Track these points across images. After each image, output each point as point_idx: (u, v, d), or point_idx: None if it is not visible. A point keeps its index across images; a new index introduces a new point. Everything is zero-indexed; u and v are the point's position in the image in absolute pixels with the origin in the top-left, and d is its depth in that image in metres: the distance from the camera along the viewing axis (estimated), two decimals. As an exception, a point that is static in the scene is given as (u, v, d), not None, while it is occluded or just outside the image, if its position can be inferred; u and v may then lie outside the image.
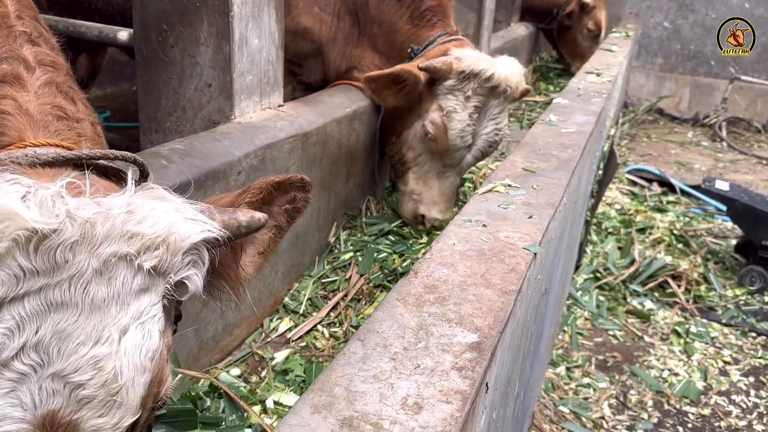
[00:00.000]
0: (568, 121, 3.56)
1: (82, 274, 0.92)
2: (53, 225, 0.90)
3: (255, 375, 2.68)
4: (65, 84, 1.40)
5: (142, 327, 0.97)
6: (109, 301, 0.94)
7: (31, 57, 1.37)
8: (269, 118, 2.97)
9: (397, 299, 1.61)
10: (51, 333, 0.90)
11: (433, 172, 3.62)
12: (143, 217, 0.99)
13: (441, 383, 1.31)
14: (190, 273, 1.05)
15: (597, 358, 4.60)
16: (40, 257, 0.90)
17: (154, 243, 0.98)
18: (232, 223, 1.12)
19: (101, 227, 0.94)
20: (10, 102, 1.26)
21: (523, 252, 1.93)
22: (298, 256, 3.26)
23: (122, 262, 0.96)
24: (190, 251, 1.03)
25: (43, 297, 0.90)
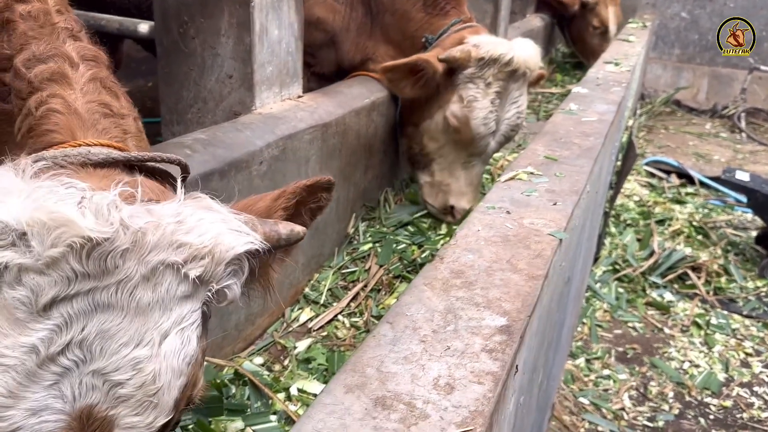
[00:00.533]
0: (588, 110, 3.54)
1: (129, 279, 0.95)
2: (107, 234, 0.93)
3: (278, 364, 2.69)
4: (108, 79, 1.42)
5: (182, 332, 1.00)
6: (153, 305, 0.97)
7: (74, 53, 1.39)
8: (289, 108, 2.98)
9: (424, 284, 1.61)
10: (96, 332, 0.93)
11: (458, 162, 3.59)
12: (191, 227, 1.01)
13: (472, 365, 1.31)
14: (231, 282, 1.08)
15: (617, 350, 4.57)
16: (92, 262, 0.93)
17: (200, 253, 1.01)
18: (273, 235, 1.15)
19: (152, 236, 0.97)
20: (59, 101, 1.29)
21: (549, 238, 1.93)
22: (318, 247, 3.27)
23: (169, 269, 0.98)
24: (232, 262, 1.06)
25: (91, 298, 0.93)
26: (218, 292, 1.06)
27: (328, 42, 3.85)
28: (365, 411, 1.15)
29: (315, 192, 1.28)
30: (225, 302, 1.09)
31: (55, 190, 0.96)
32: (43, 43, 1.37)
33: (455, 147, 3.56)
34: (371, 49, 3.89)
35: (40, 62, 1.35)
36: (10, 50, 1.40)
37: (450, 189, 3.64)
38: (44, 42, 1.38)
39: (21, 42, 1.39)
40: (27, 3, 1.42)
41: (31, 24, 1.40)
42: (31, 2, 1.42)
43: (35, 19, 1.40)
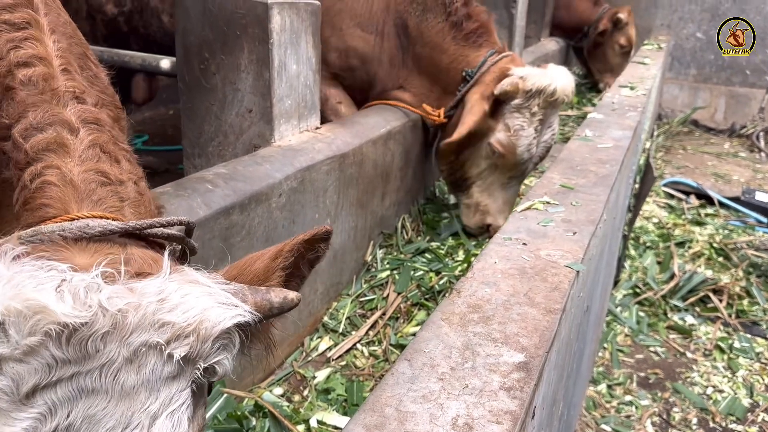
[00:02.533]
0: (604, 136, 3.55)
1: (112, 363, 0.93)
2: (84, 318, 0.92)
3: (297, 394, 2.71)
4: (110, 141, 1.40)
5: (172, 415, 0.98)
6: (138, 388, 0.95)
7: (74, 117, 1.36)
8: (307, 140, 3.03)
9: (441, 319, 1.63)
10: (81, 418, 0.92)
11: (497, 184, 3.83)
12: (175, 305, 0.99)
13: (490, 403, 1.32)
14: (221, 357, 1.04)
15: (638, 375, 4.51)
16: (72, 348, 0.91)
17: (184, 332, 0.98)
18: (264, 305, 1.11)
19: (132, 316, 0.95)
20: (55, 171, 1.27)
21: (566, 270, 1.94)
22: (336, 275, 3.30)
23: (152, 351, 0.96)
24: (221, 337, 1.03)
25: (74, 384, 0.92)
26: (207, 369, 1.02)
27: (362, 69, 3.94)
28: (385, 452, 1.17)
29: (313, 244, 1.23)
30: (216, 377, 1.06)
31: (35, 275, 0.95)
32: (41, 111, 1.35)
33: (496, 171, 3.79)
34: (404, 79, 3.98)
35: (37, 131, 1.32)
36: (8, 120, 1.37)
37: (488, 209, 3.86)
38: (42, 110, 1.35)
39: (19, 111, 1.36)
40: (29, 67, 1.39)
41: (30, 91, 1.37)
42: (33, 66, 1.39)
43: (35, 85, 1.37)
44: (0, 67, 1.42)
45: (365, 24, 3.82)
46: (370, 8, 3.79)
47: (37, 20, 1.48)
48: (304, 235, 1.21)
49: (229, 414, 2.27)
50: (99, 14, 3.94)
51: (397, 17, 3.79)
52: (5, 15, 1.44)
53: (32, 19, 1.48)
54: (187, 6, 2.89)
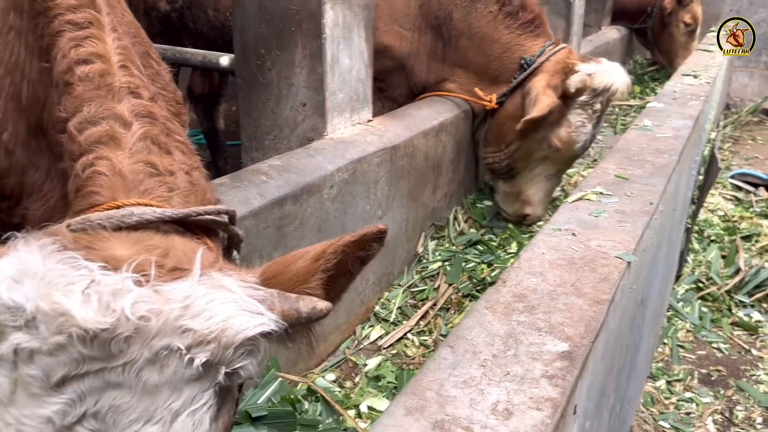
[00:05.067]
0: (663, 125, 3.45)
1: (135, 362, 0.97)
2: (106, 324, 0.96)
3: (349, 380, 2.77)
4: (162, 133, 1.44)
5: (193, 414, 1.01)
6: (161, 386, 0.99)
7: (127, 112, 1.42)
8: (359, 133, 3.08)
9: (485, 307, 1.65)
10: (108, 406, 0.97)
11: (542, 175, 3.87)
12: (198, 312, 1.01)
13: (531, 390, 1.33)
14: (244, 363, 1.06)
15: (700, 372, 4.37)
16: (96, 347, 0.96)
17: (205, 339, 1.00)
18: (291, 314, 1.11)
19: (155, 321, 0.99)
20: (105, 162, 1.33)
21: (616, 261, 1.91)
22: (387, 266, 3.35)
23: (174, 354, 1.00)
24: (244, 344, 1.04)
25: (101, 377, 0.97)
26: (230, 374, 1.05)
27: (398, 68, 3.96)
28: (424, 433, 1.20)
29: (364, 244, 1.20)
30: (241, 380, 1.08)
31: (67, 274, 0.99)
32: (95, 106, 1.40)
33: (545, 163, 3.82)
34: (446, 72, 3.99)
35: (90, 125, 1.38)
36: (65, 114, 1.44)
37: (530, 199, 3.89)
38: (96, 104, 1.41)
39: (76, 105, 1.43)
40: (87, 64, 1.45)
41: (87, 86, 1.43)
42: (92, 63, 1.46)
43: (91, 81, 1.44)
44: (62, 64, 1.50)
45: (402, 20, 3.84)
46: (409, 3, 3.81)
47: (99, 20, 1.56)
48: (350, 236, 1.19)
49: (282, 397, 2.35)
50: (153, 11, 4.10)
51: (440, 10, 3.79)
52: (69, 15, 1.52)
53: (94, 18, 1.56)
54: (245, 4, 2.98)
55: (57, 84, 1.53)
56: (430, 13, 3.81)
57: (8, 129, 1.78)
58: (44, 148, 1.85)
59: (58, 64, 1.51)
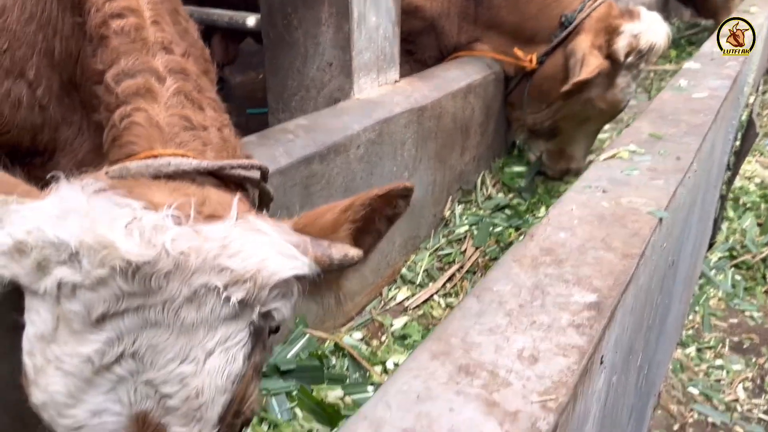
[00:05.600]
0: (699, 86, 3.35)
1: (173, 300, 1.00)
2: (148, 257, 0.98)
3: (375, 339, 2.80)
4: (195, 90, 1.46)
5: (226, 352, 1.03)
6: (197, 325, 1.00)
7: (161, 67, 1.44)
8: (386, 93, 3.06)
9: (512, 260, 1.63)
10: (146, 346, 0.99)
11: (584, 133, 3.94)
12: (235, 252, 1.03)
13: (557, 338, 1.32)
14: (278, 305, 1.08)
15: (731, 340, 4.30)
16: (137, 282, 0.98)
17: (242, 278, 1.02)
18: (324, 259, 1.12)
19: (194, 259, 1.00)
20: (142, 114, 1.35)
21: (648, 217, 1.87)
22: (414, 229, 3.34)
23: (211, 292, 1.01)
24: (278, 285, 1.06)
25: (140, 315, 0.99)
26: (265, 314, 1.07)
27: (428, 28, 3.90)
28: (449, 376, 1.20)
29: (391, 200, 1.20)
30: (275, 323, 1.11)
31: (110, 210, 1.02)
32: (132, 59, 1.43)
33: (588, 122, 3.87)
34: (478, 33, 3.92)
35: (128, 77, 1.41)
36: (102, 66, 1.47)
37: (573, 154, 3.97)
38: (133, 57, 1.43)
39: (112, 57, 1.45)
40: (122, 18, 1.48)
41: (122, 39, 1.46)
42: (126, 17, 1.48)
43: (127, 35, 1.46)
44: (96, 18, 1.53)
45: None
46: None
47: None
48: (377, 189, 1.19)
49: (310, 353, 2.39)
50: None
51: None
52: None
53: None
54: (270, -38, 2.96)
55: (91, 38, 1.55)
56: None
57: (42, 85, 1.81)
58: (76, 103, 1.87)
59: (92, 18, 1.53)
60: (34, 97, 1.82)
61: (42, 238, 0.99)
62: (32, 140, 1.88)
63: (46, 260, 0.99)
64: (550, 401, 1.15)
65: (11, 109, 1.79)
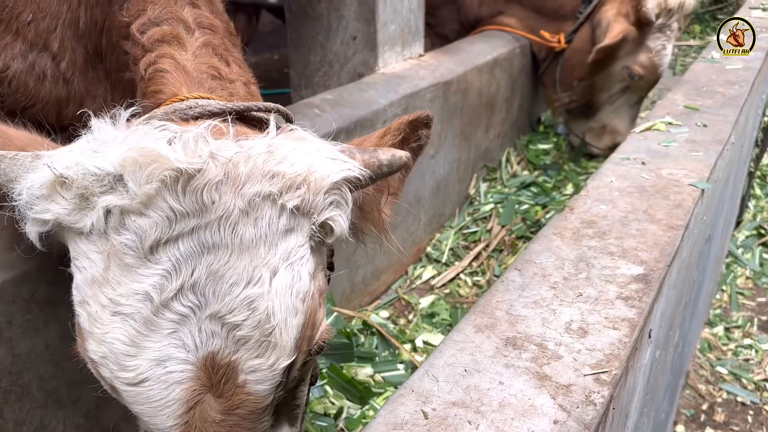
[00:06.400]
0: (732, 57, 3.25)
1: (229, 215, 0.93)
2: (197, 165, 0.92)
3: (402, 318, 2.77)
4: (221, 46, 1.43)
5: (291, 268, 0.97)
6: (257, 241, 0.94)
7: (191, 19, 1.40)
8: (411, 68, 2.99)
9: (553, 233, 1.58)
10: (206, 274, 0.92)
11: (626, 105, 3.81)
12: (284, 157, 0.98)
13: (606, 311, 1.28)
14: (334, 214, 1.02)
15: (760, 319, 4.23)
16: (188, 198, 0.92)
17: (295, 182, 0.97)
18: (373, 162, 1.08)
19: (243, 167, 0.95)
20: (169, 60, 1.31)
21: (690, 188, 1.81)
22: (439, 207, 3.29)
23: (266, 201, 0.96)
24: (332, 190, 1.01)
25: (195, 238, 0.92)
26: (323, 225, 1.01)
27: (447, 0, 3.81)
28: (496, 349, 1.16)
29: (417, 128, 1.20)
30: (333, 237, 1.04)
31: (148, 133, 0.96)
32: (159, 7, 1.39)
33: (627, 92, 3.75)
34: (501, 5, 3.83)
35: (154, 25, 1.36)
36: (129, 17, 1.42)
37: (618, 129, 3.83)
38: (161, 6, 1.39)
39: (139, 8, 1.41)
40: None
41: None
42: None
43: None
44: None
45: None
46: None
47: None
48: (408, 116, 1.19)
49: (339, 331, 2.36)
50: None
51: None
52: None
53: None
54: (293, -67, 2.89)
55: None
56: None
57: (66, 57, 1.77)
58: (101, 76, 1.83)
59: None
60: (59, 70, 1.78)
61: (82, 170, 0.93)
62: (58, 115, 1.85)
63: (89, 191, 0.93)
64: (604, 374, 1.10)
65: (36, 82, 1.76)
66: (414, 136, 1.22)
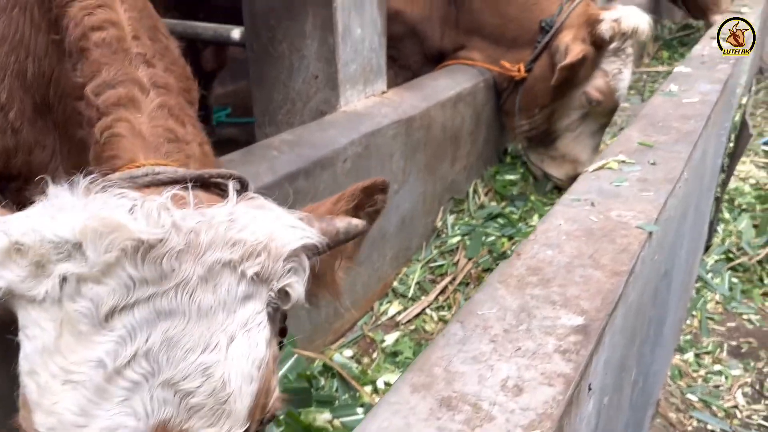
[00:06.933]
0: (690, 90, 3.32)
1: (188, 282, 0.94)
2: (159, 235, 0.93)
3: (366, 356, 2.75)
4: (177, 106, 1.43)
5: (248, 335, 0.97)
6: (215, 308, 0.95)
7: (145, 79, 1.41)
8: (373, 105, 3.02)
9: (498, 281, 1.59)
10: (160, 341, 0.91)
11: (586, 133, 3.83)
12: (245, 225, 1.00)
13: (543, 366, 1.28)
14: (292, 280, 1.04)
15: (730, 344, 4.26)
16: (147, 266, 0.92)
17: (255, 250, 0.99)
18: (330, 230, 1.12)
19: (205, 235, 0.96)
20: (125, 125, 1.31)
21: (637, 231, 1.84)
22: (405, 241, 3.30)
23: (226, 269, 0.97)
24: (290, 258, 1.03)
25: (152, 305, 0.92)
26: (280, 292, 1.03)
27: (410, 33, 3.87)
28: (430, 411, 1.16)
29: (372, 194, 1.22)
30: (290, 303, 1.06)
31: (108, 201, 0.97)
32: (113, 69, 1.39)
33: (587, 119, 3.78)
34: (462, 38, 3.89)
35: (109, 88, 1.36)
36: (82, 79, 1.42)
37: (579, 158, 3.83)
38: (115, 68, 1.39)
39: (93, 69, 1.41)
40: (102, 30, 1.44)
41: (104, 51, 1.42)
42: (106, 29, 1.44)
43: (108, 46, 1.42)
44: (75, 32, 1.48)
45: None
46: None
47: None
48: (362, 183, 1.22)
49: (298, 374, 2.34)
50: (168, -17, 4.04)
51: None
52: None
53: None
54: (253, -25, 2.92)
55: (70, 53, 1.52)
56: None
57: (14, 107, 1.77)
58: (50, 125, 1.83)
59: (71, 33, 1.50)
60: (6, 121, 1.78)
61: (39, 237, 0.93)
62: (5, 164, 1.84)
63: (45, 259, 0.92)
64: (535, 435, 1.10)
65: None
66: (369, 201, 1.24)
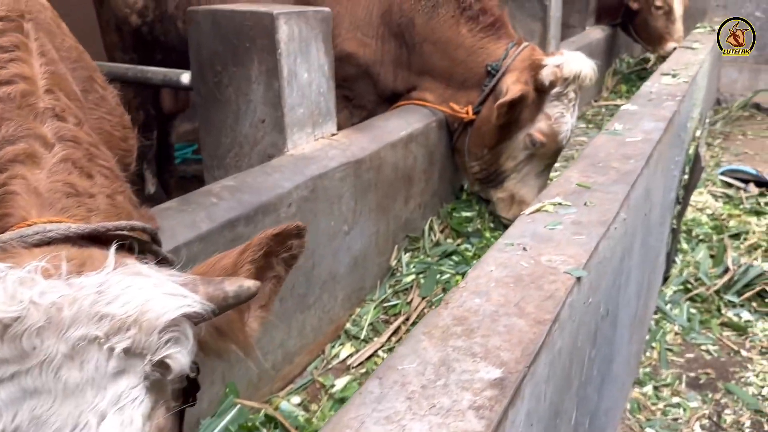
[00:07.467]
0: (634, 129, 3.39)
1: (51, 360, 0.89)
2: (14, 313, 0.89)
3: (315, 403, 2.71)
4: (84, 158, 1.39)
5: (121, 412, 0.93)
6: (83, 385, 0.91)
7: (50, 133, 1.37)
8: (321, 148, 3.03)
9: (422, 333, 1.59)
10: (28, 420, 0.88)
11: (532, 174, 3.91)
12: (114, 297, 0.95)
13: (455, 424, 1.27)
14: (172, 351, 0.98)
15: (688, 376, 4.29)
16: (6, 345, 0.88)
17: (125, 324, 0.94)
18: (217, 294, 1.06)
19: (68, 310, 0.92)
20: (20, 181, 1.26)
21: (565, 276, 1.85)
22: (358, 281, 3.29)
23: (93, 345, 0.92)
24: (168, 329, 0.98)
25: (16, 384, 0.89)
26: (159, 364, 0.97)
27: (363, 74, 3.92)
28: (334, 477, 1.14)
29: (284, 240, 1.18)
30: (171, 375, 1.00)
31: None
32: (14, 125, 1.35)
33: (533, 160, 3.86)
34: (414, 79, 3.96)
35: (8, 144, 1.32)
36: None
37: (525, 198, 3.88)
38: (16, 123, 1.35)
39: None
40: (10, 85, 1.41)
41: (7, 105, 1.38)
42: (14, 84, 1.41)
43: (12, 101, 1.38)
44: None
45: (365, 28, 3.80)
46: (371, 11, 3.77)
47: (25, 44, 1.52)
48: (272, 229, 1.18)
49: (240, 425, 2.30)
50: (125, 25, 4.06)
51: (401, 16, 3.76)
52: None
53: (20, 42, 1.51)
54: (199, 20, 2.94)
55: None
56: (392, 20, 3.78)
57: None
58: None
59: None
60: None
61: None
62: None
63: None
64: (437, 501, 1.09)
65: None
66: (283, 248, 1.21)
